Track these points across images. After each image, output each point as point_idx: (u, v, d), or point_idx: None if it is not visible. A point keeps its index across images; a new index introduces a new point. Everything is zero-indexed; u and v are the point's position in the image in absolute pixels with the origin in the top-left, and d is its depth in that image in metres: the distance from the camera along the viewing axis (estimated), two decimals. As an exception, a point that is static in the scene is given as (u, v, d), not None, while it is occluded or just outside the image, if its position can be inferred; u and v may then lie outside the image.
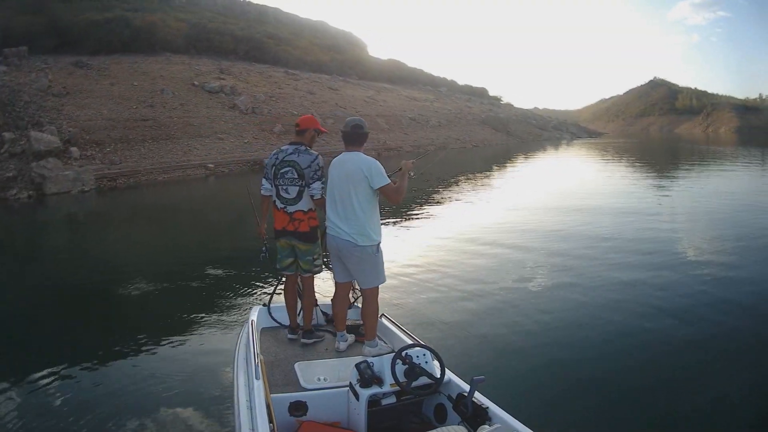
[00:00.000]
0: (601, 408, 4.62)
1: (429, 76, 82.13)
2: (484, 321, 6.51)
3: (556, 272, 8.84)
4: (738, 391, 4.89)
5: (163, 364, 5.10)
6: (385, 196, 4.05)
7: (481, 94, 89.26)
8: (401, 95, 58.57)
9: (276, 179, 4.31)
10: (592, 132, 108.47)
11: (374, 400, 3.17)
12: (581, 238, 11.31)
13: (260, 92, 37.72)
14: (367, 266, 4.04)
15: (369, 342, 4.14)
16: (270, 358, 3.96)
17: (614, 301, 7.30)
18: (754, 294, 7.54)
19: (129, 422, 4.01)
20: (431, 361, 3.29)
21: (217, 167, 25.31)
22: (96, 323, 6.39)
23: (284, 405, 3.23)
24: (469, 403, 3.00)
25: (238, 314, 6.41)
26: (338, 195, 4.04)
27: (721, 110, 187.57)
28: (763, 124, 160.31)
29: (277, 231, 4.34)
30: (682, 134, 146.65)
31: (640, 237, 11.33)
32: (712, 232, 12.19)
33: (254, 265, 8.52)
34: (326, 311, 4.80)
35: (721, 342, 5.94)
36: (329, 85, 49.18)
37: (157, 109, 28.93)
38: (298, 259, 4.39)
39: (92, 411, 4.15)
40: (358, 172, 3.95)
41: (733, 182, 23.13)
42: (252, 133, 31.03)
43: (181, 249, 11.33)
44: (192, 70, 37.93)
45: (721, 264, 9.22)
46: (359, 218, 3.97)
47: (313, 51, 58.76)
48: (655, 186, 22.21)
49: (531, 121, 78.33)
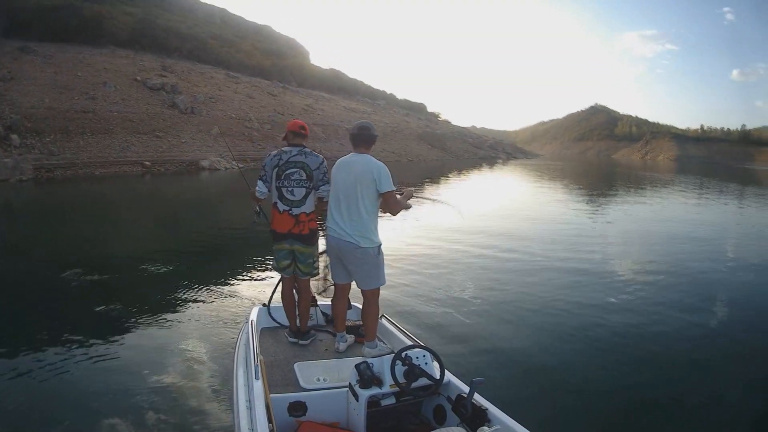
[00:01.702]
0: (600, 410, 4.70)
1: (368, 88, 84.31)
2: (484, 323, 6.58)
3: (556, 274, 9.26)
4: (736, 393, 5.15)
5: (162, 364, 5.04)
6: (384, 203, 4.03)
7: (419, 110, 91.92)
8: (339, 105, 59.89)
9: (279, 181, 4.19)
10: (528, 153, 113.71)
11: (374, 401, 3.19)
12: (586, 245, 12.28)
13: (200, 93, 38.92)
14: (368, 268, 4.03)
15: (369, 343, 4.14)
16: (269, 359, 3.95)
17: (616, 304, 7.67)
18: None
19: (129, 422, 3.99)
20: (431, 362, 3.29)
21: (153, 165, 26.32)
22: (95, 322, 6.18)
23: (283, 405, 3.24)
24: (469, 405, 3.01)
25: (238, 314, 6.39)
26: (344, 196, 4.01)
27: (661, 139, 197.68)
28: (702, 154, 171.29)
29: (280, 234, 4.24)
30: (620, 160, 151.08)
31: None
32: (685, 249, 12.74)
33: (255, 265, 8.84)
34: (326, 312, 4.80)
35: (721, 345, 6.31)
36: (269, 90, 50.41)
37: (99, 102, 29.82)
38: (298, 262, 4.33)
39: (92, 410, 4.13)
40: (368, 174, 3.93)
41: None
42: (189, 134, 32.18)
43: (159, 243, 11.28)
44: (135, 65, 38.65)
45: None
46: (363, 220, 3.97)
47: (255, 55, 59.67)
48: (580, 208, 22.29)
49: (467, 139, 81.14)
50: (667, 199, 27.09)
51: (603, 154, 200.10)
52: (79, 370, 4.87)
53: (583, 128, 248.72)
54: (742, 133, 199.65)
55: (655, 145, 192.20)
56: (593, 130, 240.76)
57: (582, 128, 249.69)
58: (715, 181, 50.23)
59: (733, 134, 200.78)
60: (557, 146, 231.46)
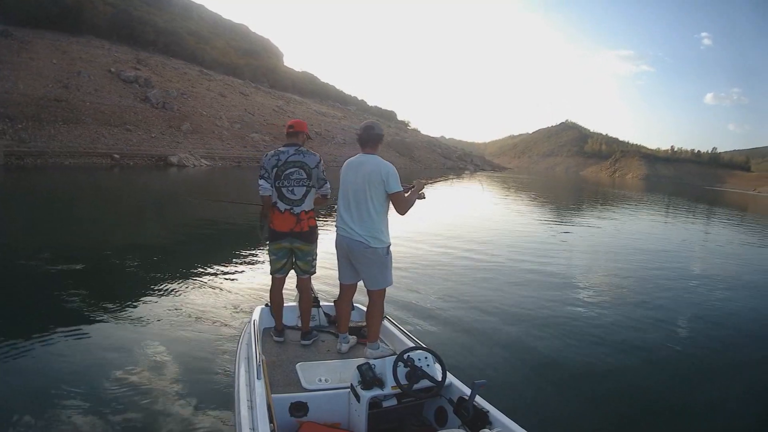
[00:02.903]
0: (602, 413, 4.72)
1: (340, 93, 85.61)
2: (487, 325, 6.62)
3: (558, 277, 9.51)
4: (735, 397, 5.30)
5: (163, 363, 5.01)
6: (393, 204, 4.06)
7: (389, 117, 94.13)
8: (310, 109, 60.77)
9: (279, 180, 4.22)
10: (496, 166, 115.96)
11: (375, 402, 3.21)
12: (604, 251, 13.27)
13: (173, 88, 39.59)
14: (376, 268, 4.05)
15: (371, 344, 4.14)
16: (272, 359, 3.95)
17: (620, 310, 7.81)
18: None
19: (128, 422, 4.00)
20: (433, 364, 3.31)
21: (122, 158, 26.92)
22: (94, 322, 6.02)
23: (285, 405, 3.26)
24: (470, 407, 3.03)
25: (240, 313, 6.38)
26: (353, 196, 4.04)
27: (631, 157, 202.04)
28: (671, 174, 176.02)
29: (281, 233, 4.26)
30: (588, 177, 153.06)
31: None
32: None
33: (258, 265, 8.73)
34: (329, 312, 4.83)
35: (720, 353, 6.44)
36: (241, 90, 51.13)
37: (72, 91, 30.27)
38: (298, 260, 4.37)
39: (91, 410, 4.12)
40: (376, 175, 3.96)
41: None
42: (160, 129, 32.81)
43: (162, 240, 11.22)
44: (111, 56, 39.05)
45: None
46: (373, 220, 3.99)
47: (229, 53, 60.28)
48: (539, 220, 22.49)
49: (436, 149, 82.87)
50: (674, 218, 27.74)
51: (571, 170, 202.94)
52: (75, 367, 4.81)
53: (553, 144, 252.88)
54: (713, 156, 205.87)
55: (624, 164, 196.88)
56: (563, 146, 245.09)
57: (551, 144, 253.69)
58: (681, 200, 51.88)
59: (703, 156, 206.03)
60: (526, 161, 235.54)
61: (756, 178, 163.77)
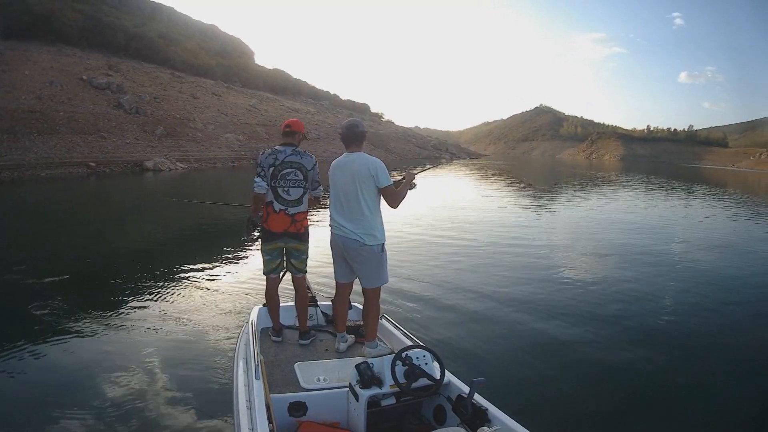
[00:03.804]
0: (601, 410, 4.70)
1: (312, 88, 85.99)
2: (485, 323, 6.58)
3: (557, 276, 9.29)
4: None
5: (162, 363, 5.04)
6: (384, 198, 4.06)
7: (362, 110, 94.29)
8: (283, 106, 61.08)
9: (275, 180, 4.19)
10: (471, 153, 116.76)
11: (374, 401, 3.20)
12: (591, 245, 12.67)
13: (145, 92, 39.89)
14: (371, 266, 4.05)
15: (369, 343, 4.13)
16: (270, 359, 3.94)
17: (617, 306, 7.65)
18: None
19: (128, 421, 4.00)
20: (431, 362, 3.31)
21: (98, 166, 27.25)
22: (92, 320, 6.15)
23: (284, 405, 3.26)
24: (469, 405, 3.03)
25: (238, 313, 6.40)
26: (344, 195, 4.03)
27: (607, 139, 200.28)
28: (648, 153, 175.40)
29: (275, 234, 4.24)
30: (565, 160, 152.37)
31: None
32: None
33: (256, 265, 8.34)
34: (326, 312, 4.81)
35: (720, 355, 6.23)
36: (213, 90, 51.51)
37: (45, 101, 30.47)
38: (292, 258, 4.37)
39: (91, 410, 4.14)
40: (365, 171, 3.96)
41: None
42: (134, 134, 33.20)
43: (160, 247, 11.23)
44: (82, 64, 39.18)
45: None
46: (366, 217, 3.98)
47: (200, 54, 60.45)
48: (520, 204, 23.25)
49: (411, 139, 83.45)
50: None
51: (548, 154, 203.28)
52: (72, 369, 4.88)
53: (528, 128, 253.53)
54: (689, 134, 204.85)
55: (600, 145, 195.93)
56: (538, 130, 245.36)
57: (526, 128, 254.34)
58: (658, 178, 52.16)
59: (680, 134, 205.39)
60: (501, 146, 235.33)
61: (734, 153, 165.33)
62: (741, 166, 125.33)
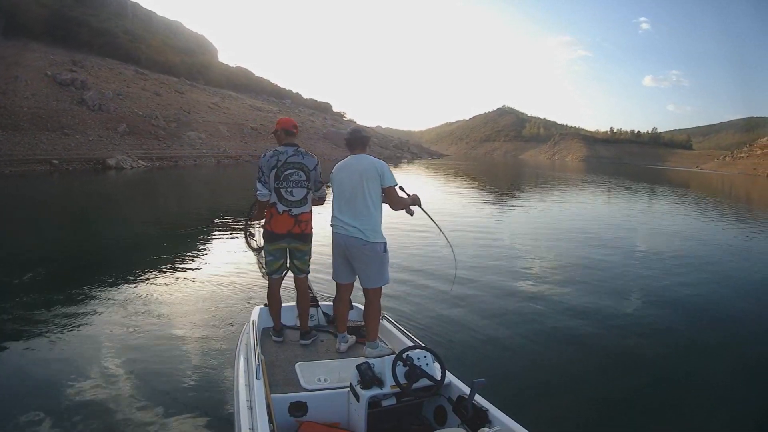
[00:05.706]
0: (602, 412, 4.70)
1: (275, 87, 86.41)
2: (486, 324, 6.55)
3: (557, 276, 9.32)
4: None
5: (162, 362, 5.04)
6: (387, 198, 4.12)
7: (325, 109, 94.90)
8: (246, 104, 61.78)
9: (278, 181, 4.18)
10: (433, 153, 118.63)
11: (374, 402, 3.19)
12: (587, 242, 12.95)
13: (109, 89, 40.41)
14: (374, 265, 4.06)
15: (370, 343, 4.12)
16: (271, 358, 3.93)
17: (620, 309, 7.60)
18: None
19: (128, 423, 3.99)
20: (432, 363, 3.29)
21: (61, 164, 27.50)
22: (91, 320, 6.14)
23: (284, 405, 3.25)
24: (469, 406, 3.02)
25: (239, 313, 6.37)
26: (350, 194, 4.06)
27: (570, 140, 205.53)
28: (611, 155, 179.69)
29: (278, 235, 4.22)
30: (527, 160, 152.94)
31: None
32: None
33: (254, 266, 7.95)
34: (327, 312, 4.79)
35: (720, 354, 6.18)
36: (176, 88, 52.11)
37: (9, 96, 30.93)
38: (295, 259, 4.36)
39: (92, 409, 4.14)
40: (372, 170, 4.03)
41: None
42: (97, 131, 33.79)
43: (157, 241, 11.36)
44: (47, 60, 39.50)
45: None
46: (372, 215, 4.03)
47: (164, 51, 60.61)
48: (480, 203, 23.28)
49: (373, 138, 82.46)
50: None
51: (510, 154, 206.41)
52: (73, 368, 4.83)
53: (490, 129, 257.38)
54: (653, 136, 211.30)
55: (563, 146, 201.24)
56: (500, 131, 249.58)
57: (489, 129, 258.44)
58: (618, 179, 52.99)
59: (643, 136, 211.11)
60: (463, 147, 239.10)
61: (698, 156, 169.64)
62: (705, 167, 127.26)
